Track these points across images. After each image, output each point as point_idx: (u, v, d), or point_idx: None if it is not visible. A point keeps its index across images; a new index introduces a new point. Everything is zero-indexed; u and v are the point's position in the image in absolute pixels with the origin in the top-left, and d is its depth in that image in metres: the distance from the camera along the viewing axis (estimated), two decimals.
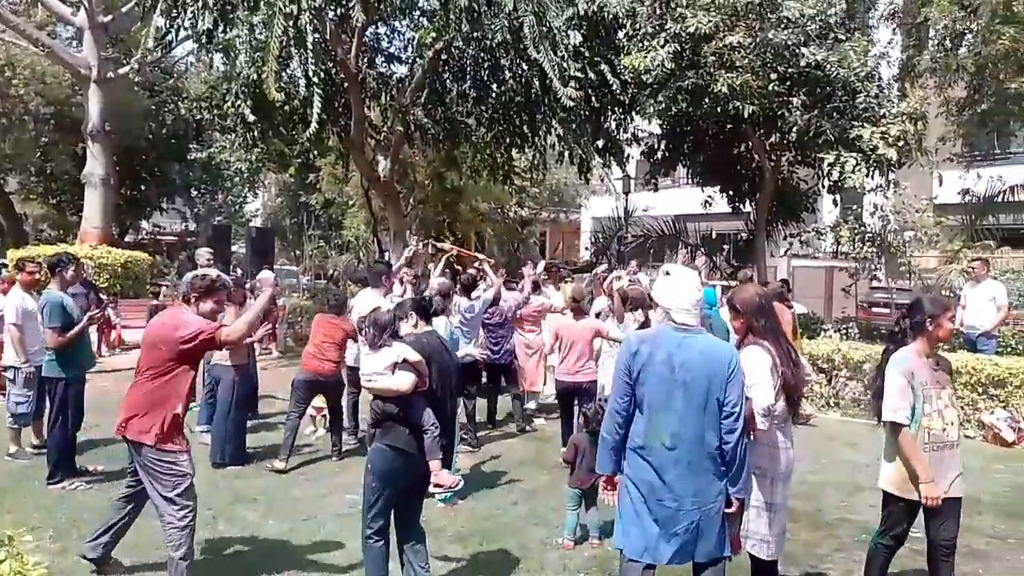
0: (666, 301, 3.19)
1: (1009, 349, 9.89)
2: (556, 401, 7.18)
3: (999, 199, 12.82)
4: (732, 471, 3.05)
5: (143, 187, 23.66)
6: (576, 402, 6.47)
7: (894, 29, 12.24)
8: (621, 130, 14.06)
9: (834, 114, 10.18)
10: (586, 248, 24.03)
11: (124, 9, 14.85)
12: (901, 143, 9.84)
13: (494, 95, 13.13)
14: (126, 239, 23.81)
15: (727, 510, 3.08)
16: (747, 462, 3.10)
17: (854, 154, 9.87)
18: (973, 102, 11.11)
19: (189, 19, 10.62)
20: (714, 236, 16.83)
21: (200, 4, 9.64)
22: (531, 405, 8.25)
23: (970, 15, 9.76)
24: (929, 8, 9.93)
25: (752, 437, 3.29)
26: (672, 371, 3.01)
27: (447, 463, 4.24)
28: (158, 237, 27.70)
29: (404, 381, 3.68)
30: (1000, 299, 8.49)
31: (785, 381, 3.33)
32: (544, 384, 8.46)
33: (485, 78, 13.03)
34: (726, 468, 3.05)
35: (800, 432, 7.21)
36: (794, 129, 10.30)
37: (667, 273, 3.29)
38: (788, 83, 10.17)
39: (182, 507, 3.72)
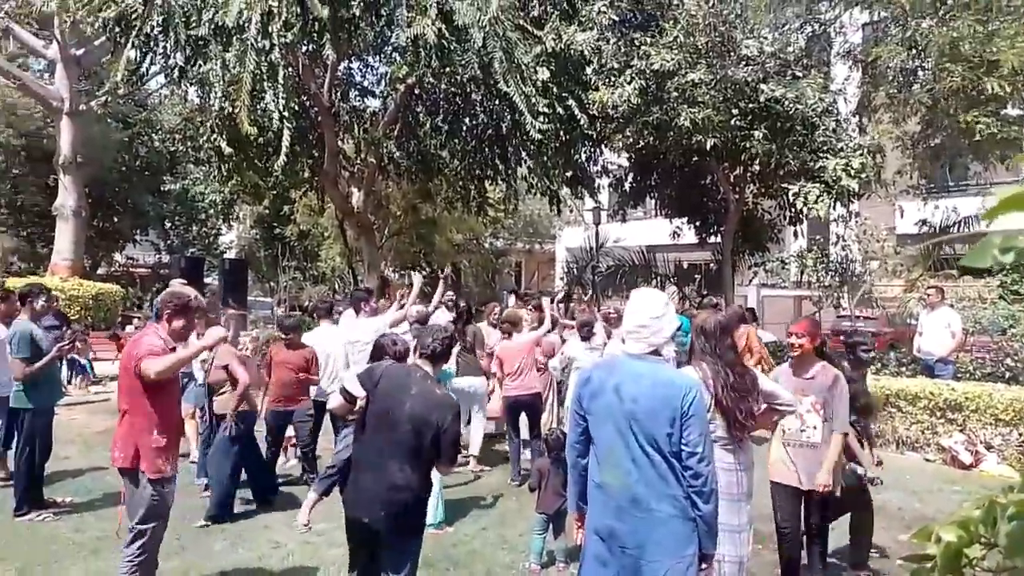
0: (623, 325, 2.94)
1: (967, 375, 10.19)
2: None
3: (954, 230, 13.21)
4: (702, 523, 2.66)
5: (116, 219, 23.55)
6: (523, 414, 7.01)
7: (850, 66, 12.67)
8: (591, 163, 14.32)
9: (794, 147, 10.53)
10: (560, 278, 24.22)
11: (97, 43, 14.90)
12: (863, 174, 10.19)
13: (466, 128, 13.36)
14: (98, 271, 23.59)
15: (702, 567, 2.70)
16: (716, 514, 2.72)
17: (817, 184, 10.19)
18: (927, 136, 11.51)
19: (161, 55, 10.73)
20: (685, 267, 17.11)
21: (172, 40, 9.75)
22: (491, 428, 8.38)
23: (920, 54, 10.16)
24: (880, 48, 10.32)
25: None
26: (621, 402, 2.71)
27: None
28: (131, 269, 27.42)
29: (331, 402, 3.65)
30: (954, 326, 8.74)
31: (717, 401, 3.27)
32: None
33: (457, 112, 13.28)
34: (696, 519, 2.66)
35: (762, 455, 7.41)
36: (756, 161, 10.63)
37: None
38: (749, 117, 10.50)
39: (142, 545, 3.66)
